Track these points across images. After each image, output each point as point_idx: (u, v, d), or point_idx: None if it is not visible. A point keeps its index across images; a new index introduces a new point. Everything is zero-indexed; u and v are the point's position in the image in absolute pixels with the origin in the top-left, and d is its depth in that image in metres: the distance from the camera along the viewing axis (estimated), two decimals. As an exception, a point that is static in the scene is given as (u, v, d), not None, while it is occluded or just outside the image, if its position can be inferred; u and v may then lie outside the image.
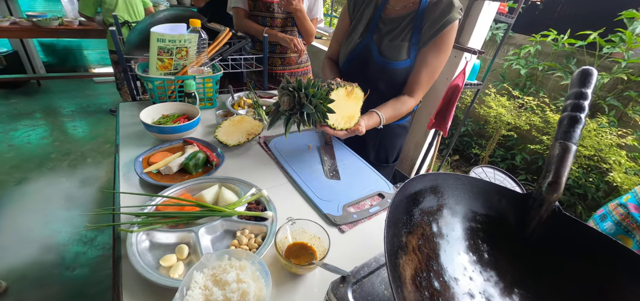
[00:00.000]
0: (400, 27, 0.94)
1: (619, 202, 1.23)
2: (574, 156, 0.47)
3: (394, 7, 0.96)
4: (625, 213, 1.16)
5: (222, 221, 0.68)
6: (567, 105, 0.53)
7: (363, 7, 1.00)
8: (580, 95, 0.53)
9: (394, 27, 0.95)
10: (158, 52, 1.10)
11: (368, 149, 1.15)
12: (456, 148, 3.51)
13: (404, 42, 0.93)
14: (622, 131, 2.28)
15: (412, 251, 0.38)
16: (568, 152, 0.47)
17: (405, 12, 0.94)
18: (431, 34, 0.89)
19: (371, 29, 0.98)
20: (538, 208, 0.47)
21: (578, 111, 0.51)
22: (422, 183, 0.42)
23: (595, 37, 2.33)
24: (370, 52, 0.97)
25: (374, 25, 0.97)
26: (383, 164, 1.19)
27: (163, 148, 0.91)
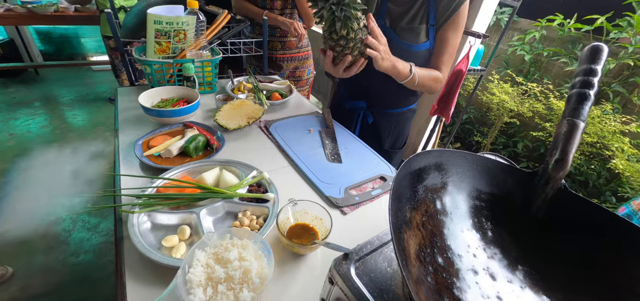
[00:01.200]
0: (414, 8, 0.91)
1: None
2: (582, 133, 0.46)
3: None
4: None
5: (224, 203, 0.67)
6: (576, 82, 0.51)
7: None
8: (590, 71, 0.51)
9: (406, 9, 0.92)
10: (155, 35, 1.08)
11: (383, 138, 1.14)
12: (458, 136, 3.49)
13: (422, 24, 0.91)
14: (626, 118, 2.25)
15: (416, 227, 0.37)
16: (576, 129, 0.46)
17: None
18: (448, 13, 0.88)
19: (381, 13, 0.94)
20: (544, 185, 0.46)
21: (587, 88, 0.49)
22: (426, 159, 0.41)
23: (603, 21, 2.28)
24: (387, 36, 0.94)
25: (384, 8, 0.94)
26: (397, 150, 1.19)
27: (163, 132, 0.90)
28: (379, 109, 1.09)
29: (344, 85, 1.16)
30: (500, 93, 2.62)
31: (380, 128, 1.12)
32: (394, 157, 1.19)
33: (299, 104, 1.23)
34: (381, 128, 1.12)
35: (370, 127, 1.10)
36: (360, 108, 1.09)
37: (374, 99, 1.07)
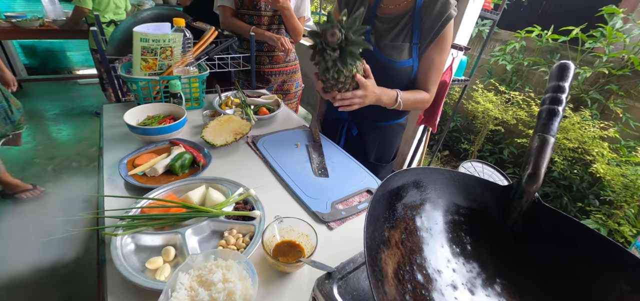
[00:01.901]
0: (398, 26, 0.93)
1: None
2: (552, 148, 0.49)
3: (388, 6, 0.95)
4: None
5: (210, 221, 0.67)
6: (546, 98, 0.54)
7: (355, 7, 0.99)
8: (558, 88, 0.54)
9: (391, 27, 0.94)
10: (142, 52, 1.08)
11: (368, 150, 1.14)
12: (446, 144, 3.55)
13: (405, 43, 0.93)
14: (604, 124, 2.34)
15: (394, 246, 0.38)
16: (546, 144, 0.48)
17: (401, 11, 0.94)
18: (433, 34, 0.89)
19: (367, 30, 0.96)
20: (518, 199, 0.48)
21: (556, 104, 0.52)
22: (404, 178, 0.43)
23: (578, 32, 2.39)
24: (370, 52, 0.94)
25: (371, 25, 0.96)
26: (383, 164, 1.19)
27: (148, 150, 0.90)
28: (364, 121, 1.09)
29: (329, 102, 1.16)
30: (485, 101, 2.69)
31: (365, 141, 1.12)
32: (381, 170, 1.19)
33: (287, 118, 1.24)
34: (366, 141, 1.12)
35: (355, 139, 1.11)
36: (344, 119, 1.10)
37: (360, 111, 1.07)
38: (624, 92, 2.43)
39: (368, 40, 0.95)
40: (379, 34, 0.96)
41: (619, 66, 2.35)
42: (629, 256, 0.42)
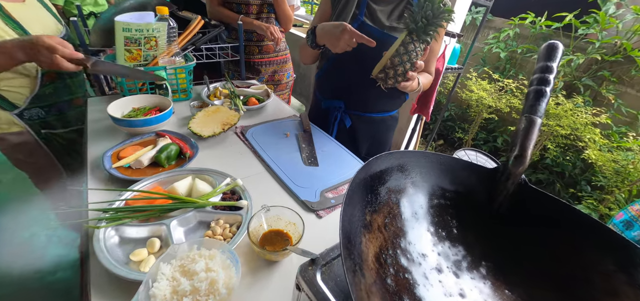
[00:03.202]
0: (398, 10, 0.95)
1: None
2: (539, 129, 0.48)
3: None
4: None
5: (196, 212, 0.66)
6: (534, 79, 0.53)
7: None
8: (546, 68, 0.53)
9: (390, 10, 0.95)
10: (125, 42, 1.06)
11: (360, 144, 1.13)
12: (440, 133, 3.56)
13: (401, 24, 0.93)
14: (596, 110, 2.35)
15: (377, 230, 0.37)
16: (533, 125, 0.47)
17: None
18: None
19: (361, 10, 0.95)
20: (505, 181, 0.48)
21: (543, 85, 0.51)
22: (388, 161, 0.42)
23: (571, 18, 2.38)
24: (369, 32, 0.92)
25: (364, 6, 0.95)
26: None
27: (134, 143, 0.88)
28: (357, 112, 1.08)
29: (322, 83, 1.13)
30: (479, 90, 2.69)
31: (358, 133, 1.11)
32: None
33: (277, 109, 1.22)
34: (359, 133, 1.11)
35: (348, 131, 1.10)
36: (337, 108, 1.08)
37: (353, 99, 1.06)
38: (616, 78, 2.43)
39: (365, 23, 0.94)
40: (375, 16, 0.95)
41: (612, 52, 2.35)
42: (615, 236, 0.42)
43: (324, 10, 1.04)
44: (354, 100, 1.06)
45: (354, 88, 1.03)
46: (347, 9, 0.95)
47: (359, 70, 0.94)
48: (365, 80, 0.89)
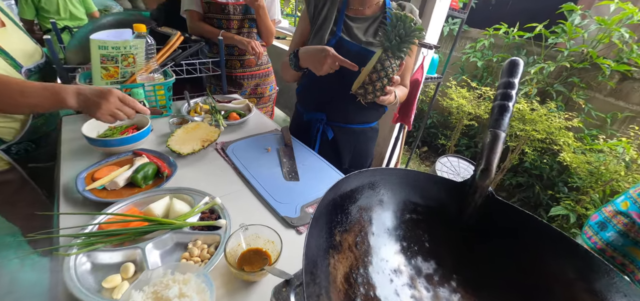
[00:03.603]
0: (373, 27, 1.00)
1: (617, 208, 1.18)
2: (503, 142, 0.50)
3: (357, 8, 1.00)
4: (629, 222, 1.12)
5: (172, 234, 0.65)
6: (498, 94, 0.56)
7: (324, 8, 1.01)
8: (509, 84, 0.56)
9: (366, 27, 1.00)
10: (101, 60, 1.04)
11: (342, 155, 1.15)
12: (424, 140, 3.63)
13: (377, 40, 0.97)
14: (568, 114, 2.47)
15: (347, 249, 0.38)
16: (498, 139, 0.50)
17: (371, 14, 1.01)
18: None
19: (339, 26, 0.99)
20: (473, 194, 0.49)
21: (506, 100, 0.54)
22: (358, 180, 0.43)
23: (541, 28, 2.51)
24: (346, 48, 0.98)
25: (341, 23, 0.99)
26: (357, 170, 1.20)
27: (110, 163, 0.86)
28: (338, 123, 1.10)
29: (304, 96, 1.15)
30: (458, 98, 2.78)
31: (340, 144, 1.13)
32: None
33: (259, 123, 1.22)
34: (341, 144, 1.13)
35: (330, 143, 1.11)
36: (319, 120, 1.09)
37: (334, 112, 1.08)
38: (585, 84, 2.57)
39: (342, 39, 0.98)
40: (352, 32, 0.99)
41: (580, 59, 2.48)
42: (574, 246, 0.44)
43: (304, 28, 1.06)
44: (335, 113, 1.08)
45: (335, 101, 1.05)
46: (325, 25, 0.98)
47: (339, 84, 0.96)
48: (346, 93, 0.91)
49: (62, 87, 0.73)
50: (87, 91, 0.73)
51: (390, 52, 0.80)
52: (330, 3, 1.01)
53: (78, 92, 0.73)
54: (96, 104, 0.73)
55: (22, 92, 0.71)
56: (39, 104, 0.73)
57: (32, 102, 0.72)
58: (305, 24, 1.06)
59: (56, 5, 2.32)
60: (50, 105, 0.74)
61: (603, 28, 2.30)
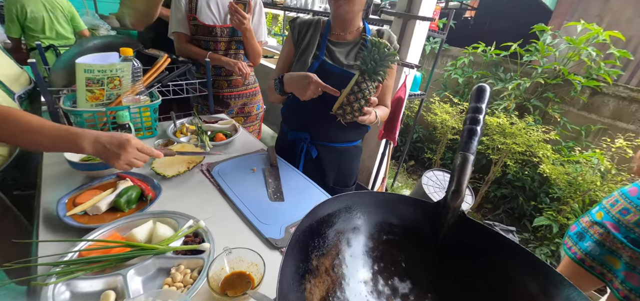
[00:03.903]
0: (354, 51, 1.05)
1: (593, 219, 1.25)
2: (472, 165, 0.54)
3: (339, 33, 1.06)
4: (604, 232, 1.18)
5: (155, 259, 0.65)
6: (467, 118, 0.60)
7: (308, 34, 1.06)
8: (476, 109, 0.60)
9: (347, 51, 1.05)
10: (87, 83, 1.04)
11: (327, 173, 1.18)
12: (411, 154, 3.71)
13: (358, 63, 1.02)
14: (545, 128, 2.58)
15: (324, 273, 0.40)
16: (467, 161, 0.53)
17: (352, 39, 1.06)
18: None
19: (321, 51, 1.04)
20: (446, 214, 0.52)
21: (475, 124, 0.58)
22: (335, 205, 0.45)
23: (516, 47, 2.65)
24: (329, 70, 1.02)
25: (324, 47, 1.04)
26: (344, 188, 1.24)
27: (92, 187, 0.85)
28: (322, 142, 1.13)
29: (288, 116, 1.18)
30: (442, 113, 2.87)
31: (324, 162, 1.15)
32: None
33: (246, 143, 1.24)
34: (325, 162, 1.15)
35: (314, 161, 1.14)
36: (303, 139, 1.12)
37: (317, 131, 1.11)
38: (559, 98, 2.71)
39: (325, 62, 1.02)
40: (334, 56, 1.04)
41: (553, 76, 2.63)
42: (537, 261, 0.47)
43: (288, 52, 1.10)
44: (319, 132, 1.12)
45: (318, 121, 1.08)
46: (309, 49, 1.03)
47: (321, 105, 0.99)
48: (328, 114, 0.95)
49: (80, 132, 0.73)
50: (105, 140, 0.73)
51: (366, 75, 0.85)
52: (314, 28, 1.06)
53: (96, 140, 0.72)
54: (115, 155, 0.73)
55: (41, 131, 0.71)
56: (54, 145, 0.73)
57: (48, 143, 0.72)
58: (290, 48, 1.10)
59: (42, 24, 2.31)
60: (65, 147, 0.74)
61: (572, 47, 2.45)
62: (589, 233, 1.24)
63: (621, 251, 1.12)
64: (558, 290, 0.42)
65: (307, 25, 1.07)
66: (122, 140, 0.73)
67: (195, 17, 1.38)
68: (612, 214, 1.17)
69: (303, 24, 1.08)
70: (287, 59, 1.11)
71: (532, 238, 2.57)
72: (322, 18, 1.11)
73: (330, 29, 1.07)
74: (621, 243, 1.11)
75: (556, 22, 2.95)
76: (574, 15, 3.36)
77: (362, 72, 0.85)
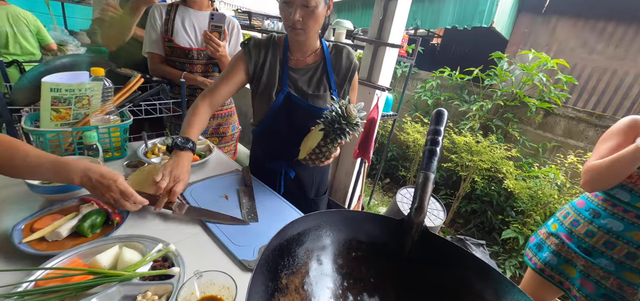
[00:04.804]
0: (315, 77, 1.04)
1: (549, 230, 1.33)
2: (433, 183, 0.58)
3: (298, 58, 1.05)
4: (559, 242, 1.26)
5: (120, 286, 0.62)
6: (427, 140, 0.65)
7: (266, 62, 1.03)
8: (436, 132, 0.65)
9: (308, 77, 1.04)
10: (52, 101, 1.00)
11: (307, 188, 1.20)
12: (386, 172, 3.81)
13: (326, 92, 1.05)
14: (507, 145, 2.78)
15: (294, 291, 0.41)
16: (428, 180, 0.57)
17: (313, 63, 1.05)
18: (347, 79, 1.08)
19: (284, 82, 1.02)
20: (410, 230, 0.56)
21: (434, 145, 0.63)
22: (305, 224, 0.47)
23: (478, 72, 2.87)
24: (295, 103, 1.02)
25: (285, 77, 1.02)
26: (322, 196, 1.28)
27: (53, 211, 0.81)
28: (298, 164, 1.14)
29: (261, 148, 1.19)
30: (413, 132, 3.01)
31: (304, 180, 1.17)
32: (320, 203, 1.27)
33: (220, 163, 1.23)
34: (304, 180, 1.18)
35: (294, 181, 1.15)
36: (280, 166, 1.13)
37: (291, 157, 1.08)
38: (518, 118, 2.94)
39: (291, 95, 1.02)
40: (297, 85, 1.04)
41: (511, 98, 2.86)
42: (491, 270, 0.51)
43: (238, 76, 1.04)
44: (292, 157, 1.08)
45: (290, 148, 1.06)
46: (271, 81, 1.02)
47: (291, 134, 1.05)
48: (298, 143, 0.98)
49: (70, 163, 0.72)
50: (95, 175, 0.73)
51: (330, 137, 0.90)
52: (271, 53, 1.03)
53: (85, 174, 0.73)
54: (101, 193, 0.75)
55: (25, 158, 0.69)
56: (40, 174, 0.72)
57: (33, 171, 0.71)
58: (241, 75, 1.04)
59: (5, 39, 2.19)
60: (52, 177, 0.73)
61: (526, 72, 2.70)
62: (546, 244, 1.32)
63: (575, 260, 1.20)
64: (508, 296, 0.47)
65: (263, 49, 1.03)
66: (108, 180, 0.74)
67: (171, 39, 1.38)
68: (565, 225, 1.26)
69: (258, 46, 1.03)
70: (234, 83, 1.04)
71: (502, 251, 2.70)
72: (275, 35, 1.07)
73: (288, 54, 1.04)
74: (575, 253, 1.20)
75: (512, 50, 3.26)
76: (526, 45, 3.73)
77: (327, 134, 0.90)
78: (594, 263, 1.15)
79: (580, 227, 1.20)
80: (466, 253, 0.53)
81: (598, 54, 3.50)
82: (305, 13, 0.89)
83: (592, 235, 1.16)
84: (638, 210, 1.06)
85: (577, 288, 1.20)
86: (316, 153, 0.94)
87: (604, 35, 3.44)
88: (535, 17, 3.78)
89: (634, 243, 1.07)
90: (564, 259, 1.24)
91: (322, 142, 0.91)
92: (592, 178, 1.10)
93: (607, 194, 1.14)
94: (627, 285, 1.11)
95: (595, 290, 1.16)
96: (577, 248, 1.20)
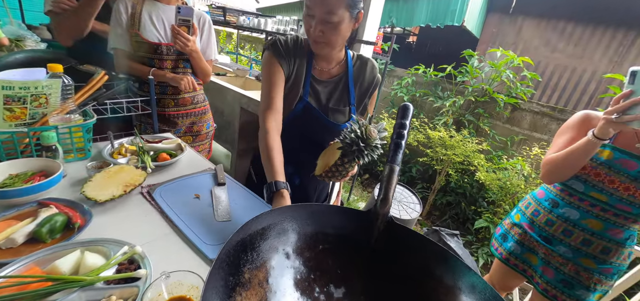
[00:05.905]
0: (337, 91, 1.02)
1: (512, 220, 1.38)
2: (397, 175, 0.60)
3: (322, 69, 1.01)
4: (522, 232, 1.31)
5: (81, 292, 0.60)
6: (393, 134, 0.67)
7: (295, 64, 0.98)
8: (401, 125, 0.68)
9: (330, 90, 1.02)
10: (5, 100, 0.94)
11: (310, 196, 1.20)
12: (365, 168, 3.88)
13: (346, 107, 1.03)
14: (479, 139, 2.92)
15: (257, 285, 0.41)
16: (393, 172, 0.59)
17: (336, 76, 1.02)
18: (368, 94, 1.07)
19: (306, 90, 1.00)
20: (376, 221, 0.57)
21: (400, 138, 0.65)
22: (269, 219, 0.47)
23: (450, 69, 2.98)
24: (313, 115, 1.01)
25: (307, 86, 1.00)
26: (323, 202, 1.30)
27: (7, 217, 0.76)
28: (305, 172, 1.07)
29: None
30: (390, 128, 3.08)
31: (308, 188, 1.17)
32: None
33: (192, 162, 1.20)
34: (308, 188, 1.18)
35: (298, 188, 1.13)
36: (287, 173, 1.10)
37: (303, 165, 1.07)
38: (487, 113, 3.09)
39: (310, 105, 1.00)
40: (319, 97, 1.02)
41: (481, 94, 3.00)
42: (449, 256, 0.53)
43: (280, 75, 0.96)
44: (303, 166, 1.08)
45: (301, 156, 1.05)
46: (295, 89, 1.00)
47: (305, 143, 1.05)
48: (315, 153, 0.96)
49: None
50: None
51: (347, 157, 0.86)
52: (299, 60, 0.98)
53: None
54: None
55: None
56: None
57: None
58: (282, 77, 0.97)
59: None
60: None
61: (494, 69, 2.84)
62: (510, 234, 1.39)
63: (537, 249, 1.27)
64: (464, 278, 0.49)
65: (292, 51, 0.97)
66: None
67: (138, 33, 1.32)
68: (527, 216, 1.33)
69: (287, 46, 0.96)
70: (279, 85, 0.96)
71: (475, 240, 2.83)
72: (301, 38, 1.01)
73: (313, 63, 0.99)
74: (536, 242, 1.26)
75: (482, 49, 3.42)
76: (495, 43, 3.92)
77: (344, 153, 0.85)
78: (553, 251, 1.22)
79: (541, 217, 1.27)
80: (426, 239, 0.55)
81: (559, 52, 3.73)
82: (327, 28, 0.85)
83: (552, 224, 1.23)
84: (592, 199, 1.13)
85: (538, 275, 1.28)
86: (332, 171, 0.90)
87: (565, 34, 3.68)
88: (503, 17, 3.97)
89: (588, 230, 1.15)
90: (526, 248, 1.31)
91: (340, 161, 0.87)
92: (550, 171, 1.17)
93: (564, 185, 1.21)
94: (583, 270, 1.17)
95: (555, 276, 1.23)
96: (539, 236, 1.27)
